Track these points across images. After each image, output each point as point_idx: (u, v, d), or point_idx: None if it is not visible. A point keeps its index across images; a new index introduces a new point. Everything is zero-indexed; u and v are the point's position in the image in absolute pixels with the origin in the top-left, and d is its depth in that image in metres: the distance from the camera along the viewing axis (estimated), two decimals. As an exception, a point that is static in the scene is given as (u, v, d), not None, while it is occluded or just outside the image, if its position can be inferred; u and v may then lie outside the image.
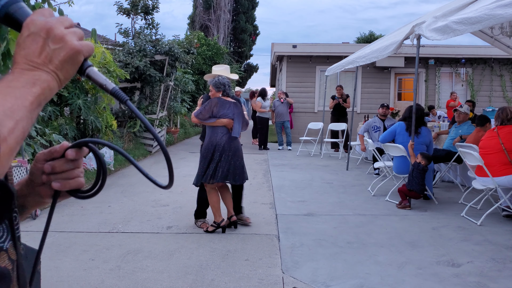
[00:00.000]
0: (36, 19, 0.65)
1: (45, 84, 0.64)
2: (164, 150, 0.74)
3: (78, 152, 0.79)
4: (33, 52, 0.64)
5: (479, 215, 4.91)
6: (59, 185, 0.78)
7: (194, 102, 17.22)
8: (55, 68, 0.65)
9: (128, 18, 12.08)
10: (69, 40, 0.65)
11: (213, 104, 4.44)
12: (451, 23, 4.36)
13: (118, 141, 9.28)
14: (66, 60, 0.66)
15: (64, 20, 0.67)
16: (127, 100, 0.71)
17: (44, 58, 0.64)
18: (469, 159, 5.14)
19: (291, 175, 7.93)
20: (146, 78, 10.43)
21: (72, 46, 0.66)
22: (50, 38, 0.64)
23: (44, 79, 0.64)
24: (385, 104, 8.29)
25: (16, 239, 0.72)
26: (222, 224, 4.43)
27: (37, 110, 0.64)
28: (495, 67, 14.52)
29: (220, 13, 28.59)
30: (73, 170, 0.80)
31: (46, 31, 0.64)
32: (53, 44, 0.64)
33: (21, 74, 0.63)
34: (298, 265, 3.61)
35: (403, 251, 3.94)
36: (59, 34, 0.65)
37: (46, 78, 0.64)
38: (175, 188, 6.67)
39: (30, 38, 0.65)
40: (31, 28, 0.65)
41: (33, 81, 0.63)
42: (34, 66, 0.64)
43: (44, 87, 0.64)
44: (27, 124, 0.61)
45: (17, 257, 0.72)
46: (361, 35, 30.14)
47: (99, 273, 3.41)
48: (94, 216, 5.06)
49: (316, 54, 14.47)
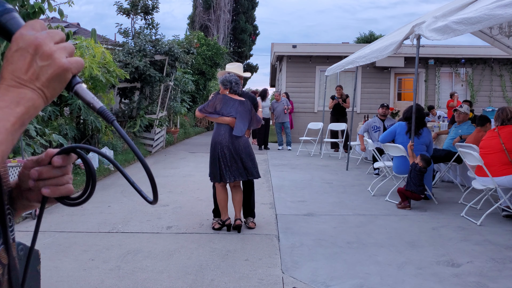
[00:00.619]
0: (25, 34, 0.64)
1: (30, 102, 0.62)
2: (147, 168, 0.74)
3: (65, 159, 0.78)
4: (20, 68, 0.62)
5: (479, 215, 4.91)
6: (48, 191, 0.77)
7: (194, 102, 17.22)
8: (42, 86, 0.63)
9: (128, 18, 12.08)
10: (57, 58, 0.64)
11: (217, 100, 4.46)
12: (451, 23, 4.36)
13: (117, 141, 9.28)
14: (53, 77, 0.64)
15: (54, 35, 0.65)
16: (114, 121, 0.70)
17: (31, 75, 0.63)
18: (469, 159, 5.14)
19: (291, 175, 7.93)
20: (146, 78, 10.43)
21: (60, 63, 0.64)
22: (38, 54, 0.63)
23: (29, 98, 0.62)
24: (385, 104, 8.29)
25: (9, 242, 0.71)
26: (226, 223, 4.47)
27: (20, 130, 0.62)
28: (495, 67, 14.53)
29: (220, 13, 28.59)
30: (62, 177, 0.79)
31: (34, 47, 0.63)
32: (41, 61, 0.63)
33: (6, 91, 0.62)
34: (298, 265, 3.61)
35: (403, 251, 3.94)
36: (48, 51, 0.63)
37: (31, 96, 0.62)
38: (175, 188, 6.67)
39: (18, 53, 0.63)
40: (20, 43, 0.63)
41: (17, 100, 0.61)
42: (20, 83, 0.62)
43: (28, 106, 0.62)
44: (6, 148, 0.60)
45: (8, 261, 0.71)
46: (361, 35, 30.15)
47: (99, 273, 3.41)
48: (94, 216, 5.06)
49: (316, 54, 14.48)
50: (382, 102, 9.28)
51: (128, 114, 10.69)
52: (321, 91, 13.61)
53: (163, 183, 7.04)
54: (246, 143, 4.51)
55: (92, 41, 8.13)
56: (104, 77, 7.77)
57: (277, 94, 12.64)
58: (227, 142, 4.40)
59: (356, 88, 9.50)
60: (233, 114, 4.43)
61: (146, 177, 0.79)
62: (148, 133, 11.00)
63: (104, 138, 8.60)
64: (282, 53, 14.64)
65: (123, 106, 11.09)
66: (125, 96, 11.07)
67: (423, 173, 5.34)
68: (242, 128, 4.42)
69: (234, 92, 4.54)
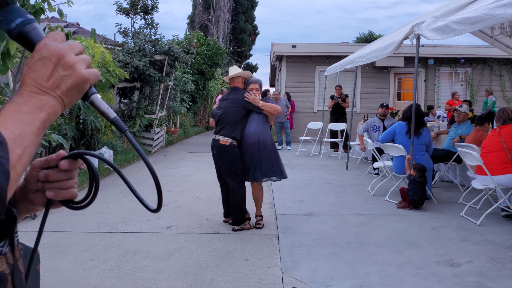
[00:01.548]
0: (49, 44, 0.67)
1: (51, 109, 0.66)
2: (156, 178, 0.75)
3: (72, 163, 0.80)
4: (42, 76, 0.66)
5: (478, 215, 4.91)
6: (52, 194, 0.79)
7: (193, 102, 17.21)
8: (62, 94, 0.67)
9: (128, 18, 12.07)
10: (78, 68, 0.68)
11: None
12: (450, 23, 4.36)
13: (117, 141, 9.28)
14: (73, 87, 0.68)
15: (75, 47, 0.69)
16: (126, 130, 0.73)
17: (52, 83, 0.66)
18: (469, 159, 5.15)
19: (291, 175, 7.92)
20: (146, 78, 10.43)
21: (80, 74, 0.68)
22: (61, 64, 0.66)
23: (51, 104, 0.66)
24: (384, 104, 8.29)
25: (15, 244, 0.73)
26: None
27: (42, 134, 0.66)
28: (494, 67, 14.53)
29: (219, 13, 28.59)
30: (67, 181, 0.80)
31: (57, 57, 0.66)
32: (63, 71, 0.67)
33: (29, 97, 0.65)
34: (297, 265, 3.61)
35: (403, 251, 3.94)
36: (70, 62, 0.67)
37: (52, 103, 0.66)
38: (175, 188, 6.67)
39: (41, 62, 0.66)
40: (43, 52, 0.67)
41: (40, 106, 0.65)
42: (42, 90, 0.66)
43: (50, 112, 0.66)
44: (33, 150, 0.64)
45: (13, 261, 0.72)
46: (360, 35, 30.17)
47: (99, 273, 3.41)
48: (94, 216, 5.06)
49: (315, 54, 14.48)
50: (382, 102, 9.27)
51: (128, 114, 10.69)
52: (321, 91, 13.61)
53: (163, 183, 6.99)
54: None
55: (91, 41, 8.13)
56: (103, 77, 7.77)
57: (277, 94, 12.64)
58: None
59: (355, 88, 9.50)
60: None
61: (146, 177, 0.79)
62: (147, 133, 11.00)
63: (104, 138, 8.60)
64: (281, 53, 14.64)
65: (122, 106, 11.09)
66: (124, 96, 11.07)
67: (421, 183, 5.34)
68: None
69: None
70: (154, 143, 11.05)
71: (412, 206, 5.36)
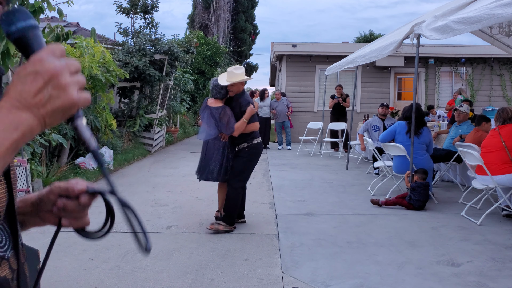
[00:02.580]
0: (45, 59, 0.63)
1: (28, 128, 0.61)
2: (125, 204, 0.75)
3: (91, 198, 0.82)
4: (30, 91, 0.61)
5: (479, 214, 4.91)
6: (67, 223, 0.82)
7: (193, 102, 17.21)
8: (45, 114, 0.62)
9: (128, 18, 12.08)
10: (69, 91, 0.63)
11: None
12: (450, 22, 4.36)
13: (117, 141, 9.27)
14: (59, 109, 0.63)
15: (71, 66, 0.65)
16: (102, 166, 0.70)
17: (38, 100, 0.61)
18: (469, 158, 5.14)
19: (291, 175, 7.93)
20: (146, 78, 10.42)
21: (70, 98, 0.63)
22: (52, 83, 0.62)
23: (29, 124, 0.61)
24: (384, 103, 8.29)
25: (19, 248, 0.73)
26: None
27: (13, 154, 0.62)
28: (494, 66, 14.52)
29: (219, 13, 28.58)
30: (83, 211, 0.83)
31: (50, 75, 0.62)
32: (53, 90, 0.62)
33: (8, 113, 0.60)
34: (297, 264, 3.61)
35: (403, 250, 3.94)
36: (62, 83, 0.62)
37: (31, 122, 0.61)
38: (175, 188, 6.67)
39: (32, 76, 0.62)
40: (37, 66, 0.62)
41: (16, 124, 0.60)
42: (25, 105, 0.61)
43: (25, 132, 0.61)
44: None
45: (18, 266, 0.72)
46: (360, 35, 30.18)
47: (99, 273, 3.41)
48: (94, 215, 5.03)
49: (315, 53, 14.47)
50: (382, 101, 9.27)
51: (128, 113, 10.69)
52: (321, 90, 13.61)
53: (163, 183, 7.03)
54: (216, 146, 4.59)
55: (91, 41, 8.13)
56: (103, 77, 7.77)
57: (278, 93, 12.65)
58: (204, 143, 4.73)
59: (356, 88, 9.50)
60: (203, 119, 4.65)
61: (146, 177, 0.79)
62: (147, 133, 11.00)
63: (104, 138, 8.59)
64: (282, 53, 14.64)
65: (122, 105, 11.08)
66: (124, 95, 11.07)
67: (424, 185, 5.36)
68: (208, 133, 4.57)
69: (213, 97, 4.61)
70: (154, 142, 11.05)
71: (417, 209, 5.35)
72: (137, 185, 6.86)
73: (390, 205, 5.48)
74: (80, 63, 5.88)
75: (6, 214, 0.72)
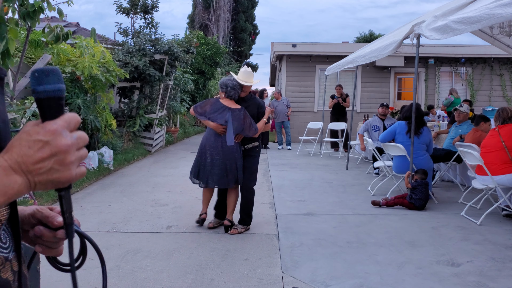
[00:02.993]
0: (59, 132, 0.62)
1: (16, 192, 0.61)
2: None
3: None
4: (33, 158, 0.61)
5: (478, 214, 4.91)
6: (41, 250, 0.82)
7: (193, 102, 17.21)
8: (39, 181, 0.62)
9: (128, 18, 12.07)
10: (70, 169, 0.63)
11: (208, 102, 4.47)
12: (450, 22, 4.35)
13: (117, 140, 9.27)
14: (54, 181, 0.63)
15: (80, 142, 0.65)
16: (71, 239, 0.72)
17: (37, 168, 0.61)
18: (469, 158, 5.14)
19: (291, 175, 7.93)
20: (146, 78, 10.42)
21: (69, 175, 0.63)
22: (57, 158, 0.62)
23: (18, 188, 0.61)
24: (384, 103, 8.29)
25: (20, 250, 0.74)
26: (201, 217, 4.57)
27: None
28: (494, 66, 14.52)
29: (219, 12, 28.58)
30: (58, 242, 0.83)
31: (58, 150, 0.62)
32: (55, 164, 0.62)
33: (3, 175, 0.60)
34: (297, 264, 3.61)
35: (403, 250, 3.94)
36: (67, 161, 0.63)
37: (21, 187, 0.61)
38: (175, 188, 6.67)
39: (41, 144, 0.61)
40: (48, 136, 0.62)
41: (5, 190, 0.60)
42: (22, 170, 0.61)
43: (11, 196, 0.61)
44: None
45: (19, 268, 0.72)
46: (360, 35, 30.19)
47: (98, 273, 3.40)
48: (94, 215, 5.05)
49: (315, 53, 14.47)
50: (382, 101, 9.27)
51: (128, 113, 10.68)
52: (321, 90, 13.61)
53: (163, 183, 7.03)
54: (232, 149, 4.35)
55: (91, 41, 8.13)
56: (103, 77, 7.77)
57: (276, 93, 12.66)
58: (211, 146, 4.36)
59: (356, 88, 9.50)
60: (219, 121, 4.33)
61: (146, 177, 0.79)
62: (147, 133, 10.99)
63: (104, 138, 8.59)
64: (282, 53, 14.64)
65: (122, 105, 11.08)
66: (124, 95, 11.06)
67: (424, 184, 5.36)
68: (231, 138, 4.31)
69: (229, 97, 4.38)
70: (154, 142, 11.05)
71: (418, 208, 5.35)
72: (137, 185, 6.85)
73: (390, 206, 5.48)
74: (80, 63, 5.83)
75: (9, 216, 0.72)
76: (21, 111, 5.61)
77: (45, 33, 5.49)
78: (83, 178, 6.22)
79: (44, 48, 7.46)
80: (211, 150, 4.36)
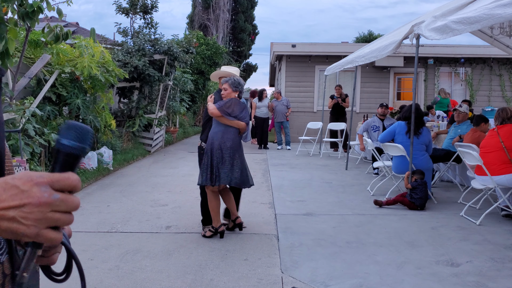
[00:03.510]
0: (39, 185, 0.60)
1: None
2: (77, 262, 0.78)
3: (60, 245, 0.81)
4: (1, 202, 0.59)
5: (478, 214, 4.91)
6: None
7: (193, 102, 17.20)
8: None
9: (127, 18, 12.07)
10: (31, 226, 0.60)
11: (233, 102, 4.22)
12: (450, 22, 4.36)
13: (116, 140, 9.27)
14: (13, 232, 0.60)
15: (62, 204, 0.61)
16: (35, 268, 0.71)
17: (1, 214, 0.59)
18: (468, 158, 5.14)
19: (290, 175, 7.93)
20: (145, 78, 10.42)
21: (28, 232, 0.60)
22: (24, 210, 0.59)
23: None
24: (384, 103, 8.29)
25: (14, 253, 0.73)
26: (219, 230, 4.25)
27: None
28: (494, 66, 14.53)
29: (219, 13, 28.57)
30: (50, 250, 0.80)
31: (27, 202, 0.59)
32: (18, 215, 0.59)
33: None
34: (297, 264, 3.61)
35: (402, 250, 3.94)
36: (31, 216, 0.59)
37: None
38: (174, 188, 6.67)
39: (14, 191, 0.59)
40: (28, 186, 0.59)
41: None
42: None
43: None
44: None
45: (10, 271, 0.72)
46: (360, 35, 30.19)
47: (98, 273, 3.41)
48: (93, 215, 5.05)
49: (315, 53, 14.47)
50: (382, 101, 9.28)
51: (127, 113, 10.68)
52: (321, 90, 13.61)
53: (162, 183, 7.03)
54: (242, 149, 4.41)
55: (91, 41, 8.12)
56: (103, 77, 7.76)
57: (276, 93, 12.66)
58: (229, 145, 4.21)
59: (355, 88, 9.50)
60: (246, 120, 4.31)
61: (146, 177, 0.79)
62: (147, 133, 10.99)
63: (103, 138, 8.59)
64: (281, 53, 14.64)
65: (122, 105, 11.08)
66: (124, 95, 11.06)
67: (423, 183, 5.37)
68: (250, 135, 4.39)
69: (239, 97, 4.38)
70: (153, 142, 11.05)
71: (418, 208, 5.36)
72: (136, 185, 6.85)
73: (391, 204, 5.48)
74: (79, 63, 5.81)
75: None
76: (20, 111, 5.61)
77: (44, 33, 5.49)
78: (82, 178, 6.21)
79: (44, 48, 7.46)
80: (222, 147, 4.22)
